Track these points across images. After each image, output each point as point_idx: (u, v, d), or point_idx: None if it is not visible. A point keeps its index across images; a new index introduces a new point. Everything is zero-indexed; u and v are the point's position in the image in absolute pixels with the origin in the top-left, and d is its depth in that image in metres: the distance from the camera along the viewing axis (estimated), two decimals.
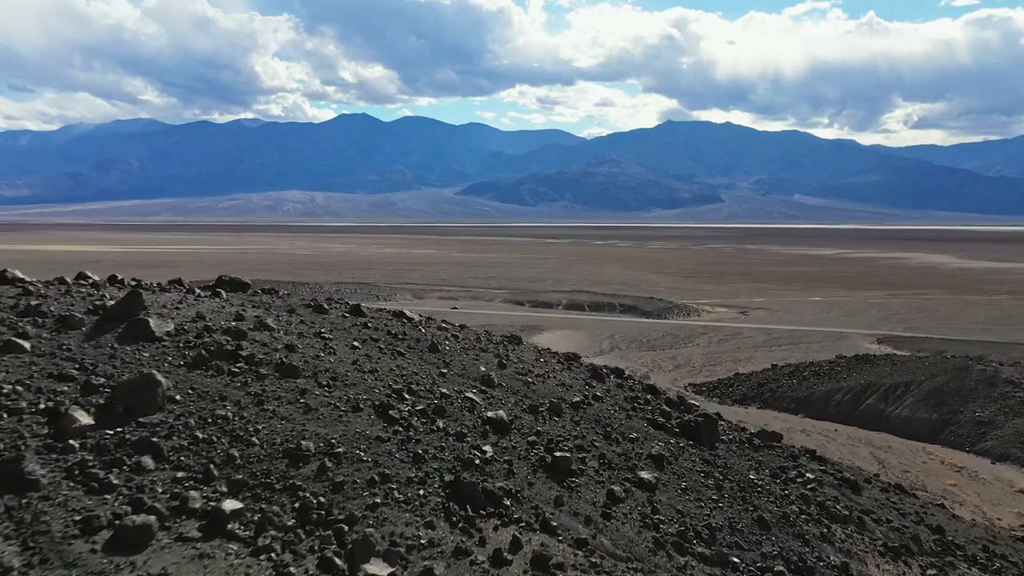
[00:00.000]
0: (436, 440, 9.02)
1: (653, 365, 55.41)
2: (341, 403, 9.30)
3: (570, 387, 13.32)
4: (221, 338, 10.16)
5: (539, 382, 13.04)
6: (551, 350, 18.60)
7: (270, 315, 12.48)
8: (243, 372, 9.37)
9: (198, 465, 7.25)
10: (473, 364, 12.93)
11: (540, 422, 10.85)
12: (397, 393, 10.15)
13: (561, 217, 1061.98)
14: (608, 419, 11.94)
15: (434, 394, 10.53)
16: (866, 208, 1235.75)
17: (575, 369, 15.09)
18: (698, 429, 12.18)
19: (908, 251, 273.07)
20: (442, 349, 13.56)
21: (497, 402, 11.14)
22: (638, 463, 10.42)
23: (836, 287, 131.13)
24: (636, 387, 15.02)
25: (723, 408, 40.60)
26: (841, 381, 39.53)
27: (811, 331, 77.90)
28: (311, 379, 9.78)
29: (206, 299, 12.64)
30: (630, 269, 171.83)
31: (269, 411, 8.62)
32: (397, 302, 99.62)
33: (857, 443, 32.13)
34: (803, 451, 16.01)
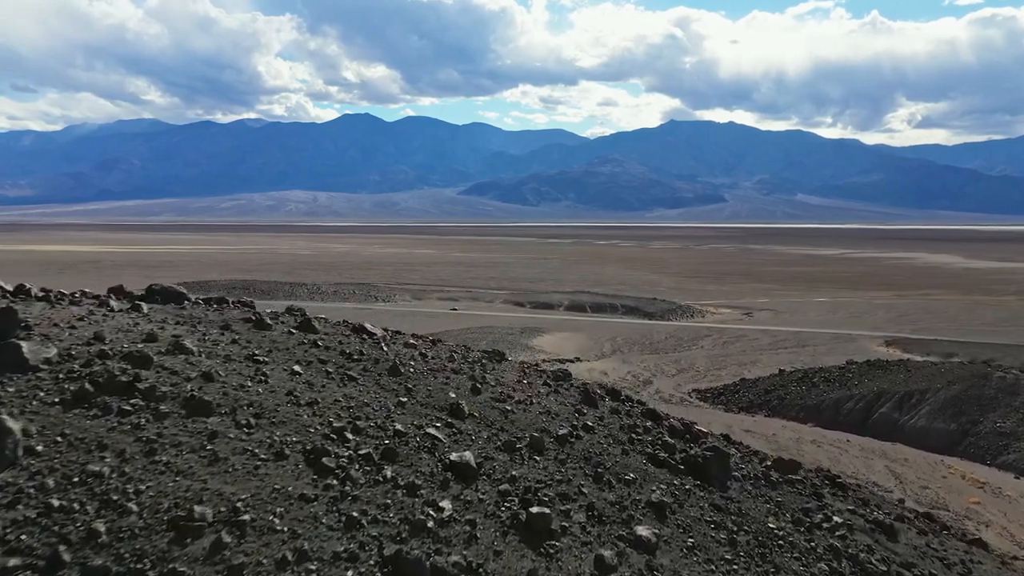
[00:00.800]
0: (380, 495, 7.08)
1: (656, 369, 53.61)
2: (261, 449, 7.38)
3: (556, 415, 11.45)
4: (117, 366, 8.19)
5: (520, 410, 11.18)
6: (538, 367, 16.68)
7: (194, 334, 10.63)
8: (137, 411, 7.41)
9: (43, 547, 5.36)
10: (441, 390, 11.10)
11: (517, 463, 8.91)
12: (337, 432, 8.22)
13: (564, 217, 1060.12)
14: (600, 456, 10.06)
15: (386, 431, 8.61)
16: (869, 208, 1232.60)
17: (564, 392, 13.16)
18: (707, 466, 10.33)
19: (912, 251, 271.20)
20: (405, 371, 11.69)
21: (466, 439, 9.22)
22: (635, 513, 8.57)
23: (841, 287, 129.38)
24: (634, 412, 13.08)
25: (729, 416, 38.80)
26: (852, 388, 37.56)
27: (817, 333, 76.11)
28: (228, 417, 7.85)
29: (119, 314, 10.71)
30: (632, 269, 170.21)
31: (162, 464, 6.67)
32: (396, 303, 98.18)
33: (871, 455, 30.31)
34: (824, 479, 14.17)
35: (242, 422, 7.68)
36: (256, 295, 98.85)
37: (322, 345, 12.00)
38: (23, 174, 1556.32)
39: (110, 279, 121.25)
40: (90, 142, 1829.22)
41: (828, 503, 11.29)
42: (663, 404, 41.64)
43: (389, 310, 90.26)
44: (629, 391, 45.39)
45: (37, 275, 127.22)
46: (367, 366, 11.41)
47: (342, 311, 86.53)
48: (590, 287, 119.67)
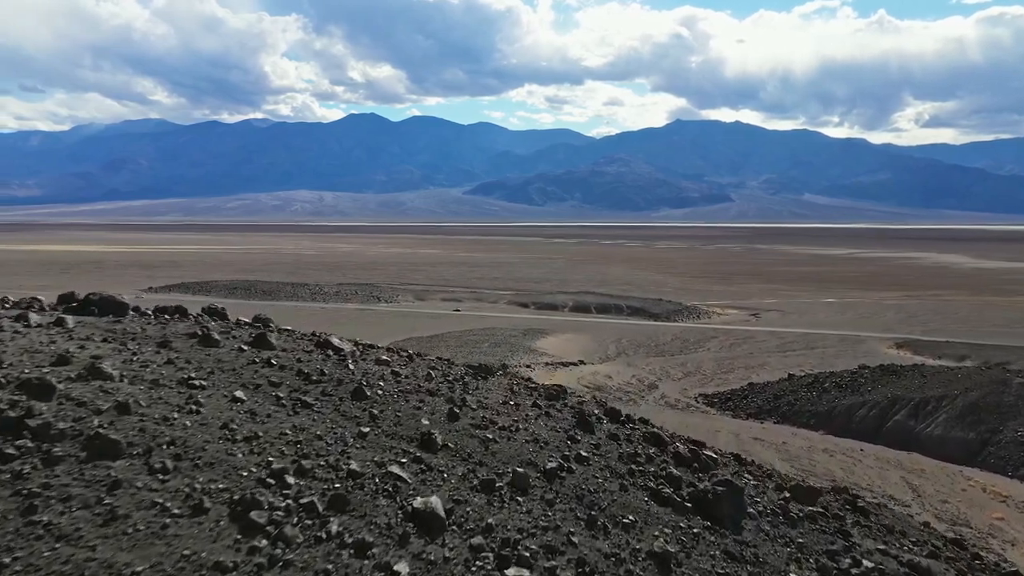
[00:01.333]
0: (320, 559, 5.61)
1: (661, 372, 52.26)
2: (175, 501, 5.93)
3: (546, 444, 10.07)
4: (7, 397, 6.77)
5: (503, 439, 9.81)
6: (530, 382, 15.21)
7: (120, 354, 9.20)
8: (23, 454, 5.95)
9: None
10: (412, 416, 9.70)
11: (495, 507, 7.49)
12: (277, 476, 6.80)
13: (569, 217, 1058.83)
14: (595, 493, 8.67)
15: (338, 472, 7.17)
16: (876, 207, 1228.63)
17: (556, 414, 11.77)
18: (718, 504, 8.96)
19: (921, 251, 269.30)
20: (372, 394, 10.19)
21: (436, 478, 7.71)
22: (634, 568, 7.18)
23: (849, 288, 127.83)
24: (635, 436, 11.63)
25: (737, 422, 37.46)
26: (865, 394, 36.04)
27: (826, 334, 74.69)
28: (139, 460, 6.40)
29: (35, 331, 9.32)
30: (638, 269, 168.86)
31: (40, 526, 5.24)
32: (399, 304, 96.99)
33: (886, 466, 28.92)
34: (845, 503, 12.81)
35: (157, 466, 6.23)
36: (258, 296, 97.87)
37: (277, 364, 10.65)
38: (31, 174, 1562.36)
39: (112, 279, 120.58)
40: (97, 142, 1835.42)
41: (855, 542, 9.91)
42: (669, 410, 40.30)
43: (391, 311, 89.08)
44: (634, 395, 44.08)
45: (39, 275, 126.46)
46: (327, 389, 10.05)
47: (344, 312, 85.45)
48: (595, 287, 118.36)
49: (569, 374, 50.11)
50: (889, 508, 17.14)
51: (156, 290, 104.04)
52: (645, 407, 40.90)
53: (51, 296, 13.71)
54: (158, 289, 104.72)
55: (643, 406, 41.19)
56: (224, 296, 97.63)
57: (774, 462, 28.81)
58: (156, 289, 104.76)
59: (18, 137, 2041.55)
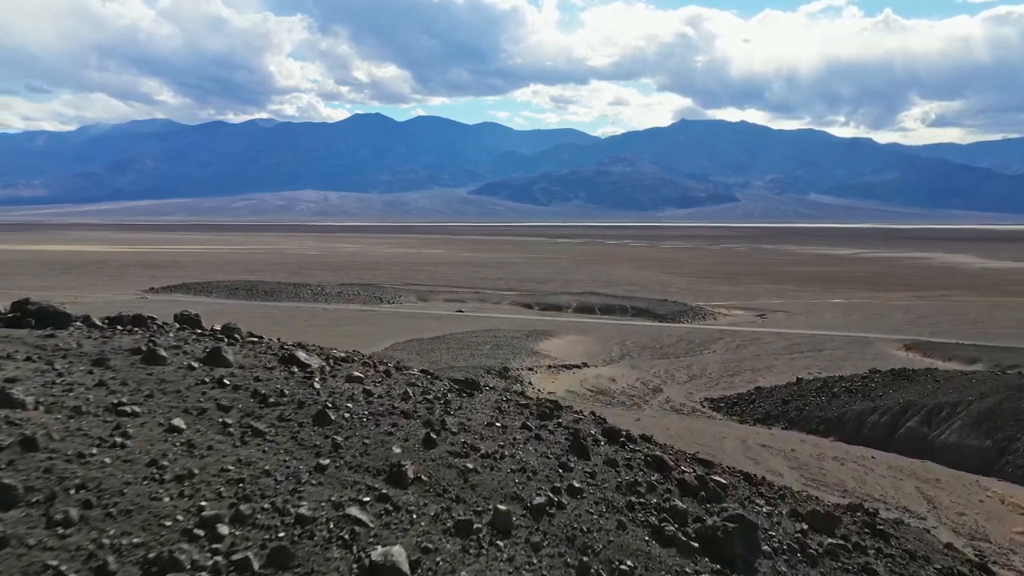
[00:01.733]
0: None
1: (666, 375, 51.19)
2: (74, 564, 4.82)
3: (534, 474, 9.08)
4: None
5: (486, 469, 8.74)
6: (522, 397, 14.02)
7: (42, 375, 8.09)
8: None
9: None
10: (382, 444, 8.61)
11: (471, 555, 6.27)
12: (207, 525, 5.69)
13: (574, 217, 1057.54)
14: (589, 534, 7.52)
15: (285, 517, 6.09)
16: (883, 207, 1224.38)
17: (547, 436, 10.78)
18: (729, 542, 7.86)
19: (928, 251, 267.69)
20: (338, 418, 8.99)
21: (403, 520, 6.70)
22: None
23: (856, 288, 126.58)
24: (636, 461, 10.43)
25: (744, 428, 36.38)
26: (876, 400, 34.84)
27: (833, 336, 73.58)
28: (39, 509, 5.29)
29: None
30: (643, 269, 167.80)
31: None
32: (401, 304, 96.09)
33: (899, 475, 27.81)
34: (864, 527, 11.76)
35: (58, 516, 5.11)
36: (259, 297, 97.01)
37: (230, 384, 9.46)
38: (37, 174, 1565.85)
39: (114, 280, 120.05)
40: (103, 142, 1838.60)
41: None
42: (674, 415, 39.25)
43: (394, 312, 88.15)
44: (638, 399, 43.04)
45: (41, 275, 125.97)
46: (285, 412, 8.90)
47: (345, 313, 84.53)
48: (600, 288, 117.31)
49: (572, 377, 49.11)
50: (908, 526, 16.07)
51: (158, 291, 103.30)
52: (649, 412, 39.86)
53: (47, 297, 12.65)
54: (159, 290, 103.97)
55: (647, 410, 40.16)
56: (225, 297, 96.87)
57: (783, 471, 27.77)
58: (158, 290, 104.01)
59: (24, 137, 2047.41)
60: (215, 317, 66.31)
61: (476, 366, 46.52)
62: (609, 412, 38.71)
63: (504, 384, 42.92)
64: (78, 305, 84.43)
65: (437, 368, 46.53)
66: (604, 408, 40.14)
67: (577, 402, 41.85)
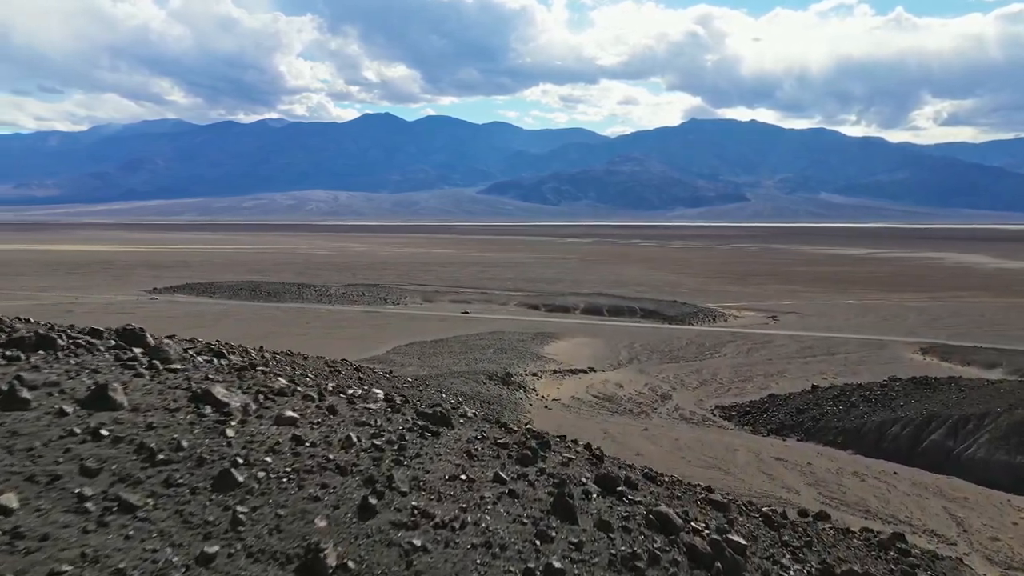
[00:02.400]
0: None
1: (676, 381, 49.53)
2: None
3: (503, 550, 7.25)
4: None
5: (438, 545, 6.97)
6: (500, 433, 11.71)
7: None
8: None
9: None
10: (301, 515, 6.79)
11: None
12: None
13: (584, 216, 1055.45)
14: None
15: None
16: (894, 207, 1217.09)
17: (525, 491, 8.88)
18: None
19: (941, 250, 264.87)
20: (247, 480, 7.13)
21: None
22: None
23: (869, 289, 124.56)
24: (636, 520, 8.44)
25: (757, 439, 34.71)
26: (897, 410, 32.90)
27: (847, 339, 71.76)
28: None
29: None
30: (653, 270, 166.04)
31: None
32: (406, 305, 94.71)
33: (924, 492, 26.12)
34: None
35: None
36: (262, 297, 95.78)
37: (109, 436, 7.60)
38: (49, 174, 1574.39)
39: (119, 280, 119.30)
40: (115, 142, 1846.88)
41: None
42: (683, 424, 37.62)
43: (398, 313, 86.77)
44: (646, 407, 41.40)
45: (45, 276, 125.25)
46: (175, 475, 7.07)
47: (348, 315, 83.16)
48: (609, 288, 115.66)
49: (578, 382, 47.56)
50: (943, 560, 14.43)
51: (160, 291, 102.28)
52: (658, 420, 38.26)
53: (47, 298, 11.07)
54: (162, 290, 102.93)
55: (655, 419, 38.56)
56: (228, 297, 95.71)
57: (800, 488, 26.15)
58: (160, 290, 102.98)
59: (37, 138, 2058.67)
60: (217, 318, 65.03)
61: (477, 371, 44.99)
62: (616, 422, 37.14)
63: (507, 391, 41.35)
64: (78, 306, 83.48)
65: (438, 373, 45.06)
66: (611, 417, 38.59)
67: (583, 409, 40.30)
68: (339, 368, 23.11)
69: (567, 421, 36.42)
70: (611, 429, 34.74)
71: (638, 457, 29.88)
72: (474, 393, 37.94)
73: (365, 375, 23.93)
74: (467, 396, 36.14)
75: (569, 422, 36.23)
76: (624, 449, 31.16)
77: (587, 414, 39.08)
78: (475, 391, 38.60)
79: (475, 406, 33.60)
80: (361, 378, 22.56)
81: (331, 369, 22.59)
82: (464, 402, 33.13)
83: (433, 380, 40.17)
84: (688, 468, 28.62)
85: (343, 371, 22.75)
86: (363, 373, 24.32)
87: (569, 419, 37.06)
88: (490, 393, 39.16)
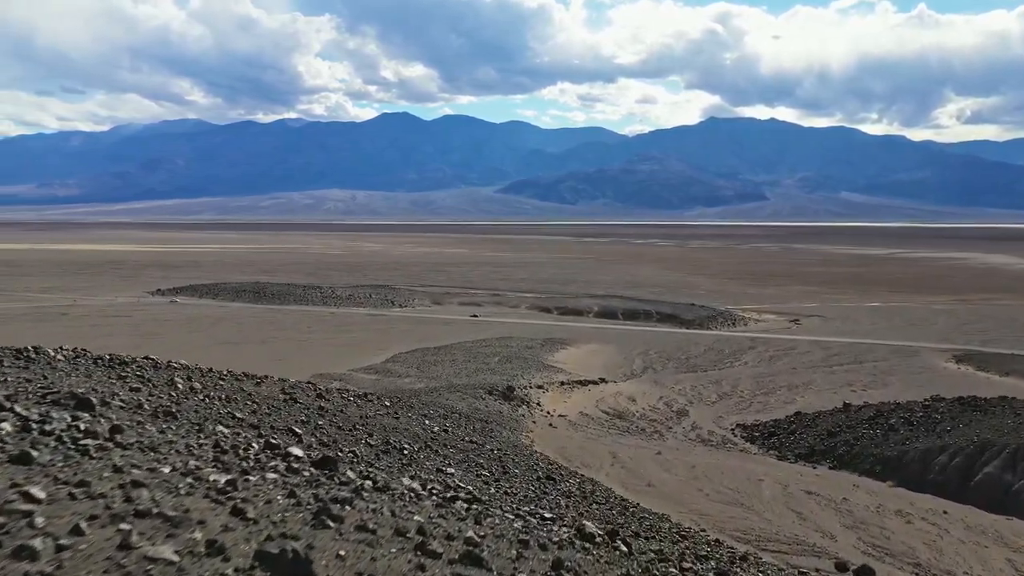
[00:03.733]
0: None
1: (693, 394, 46.01)
2: None
3: None
4: None
5: None
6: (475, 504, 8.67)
7: None
8: None
9: None
10: None
11: None
12: None
13: (601, 215, 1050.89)
14: None
15: None
16: (916, 206, 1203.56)
17: None
18: None
19: (965, 251, 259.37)
20: None
21: None
22: None
23: (894, 291, 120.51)
24: None
25: (784, 466, 31.12)
26: (944, 436, 28.86)
27: (874, 345, 68.02)
28: None
29: None
30: (670, 270, 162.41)
31: None
32: (414, 308, 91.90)
33: (982, 539, 22.51)
34: None
35: None
36: (266, 299, 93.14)
37: None
38: (71, 174, 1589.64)
39: (126, 280, 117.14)
40: (135, 142, 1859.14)
41: None
42: (701, 447, 34.09)
43: (404, 316, 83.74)
44: (660, 426, 37.93)
45: (51, 276, 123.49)
46: None
47: (352, 318, 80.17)
48: (624, 290, 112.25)
49: (587, 395, 44.18)
50: None
51: (164, 292, 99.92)
52: (672, 442, 34.76)
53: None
54: (166, 292, 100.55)
55: (670, 441, 35.07)
56: (231, 299, 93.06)
57: (836, 531, 22.64)
58: (164, 292, 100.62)
59: (59, 137, 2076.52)
60: (214, 322, 61.75)
61: (477, 385, 41.60)
62: (627, 443, 33.75)
63: (509, 407, 37.99)
64: (74, 308, 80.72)
65: (435, 386, 41.76)
66: (621, 437, 35.17)
67: (591, 427, 36.91)
68: (296, 396, 19.76)
69: (572, 442, 33.10)
70: (621, 453, 31.33)
71: (649, 489, 26.48)
72: (471, 410, 34.63)
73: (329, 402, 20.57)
74: (463, 415, 32.87)
75: (575, 443, 32.90)
76: (634, 478, 27.79)
77: (595, 433, 35.68)
78: (472, 408, 35.28)
79: (471, 426, 30.33)
80: (322, 408, 19.25)
81: (287, 397, 19.31)
82: (460, 422, 29.88)
83: (426, 395, 36.88)
84: (705, 503, 25.21)
85: (301, 400, 19.44)
86: (328, 400, 20.93)
87: (575, 440, 33.71)
88: (489, 410, 35.84)
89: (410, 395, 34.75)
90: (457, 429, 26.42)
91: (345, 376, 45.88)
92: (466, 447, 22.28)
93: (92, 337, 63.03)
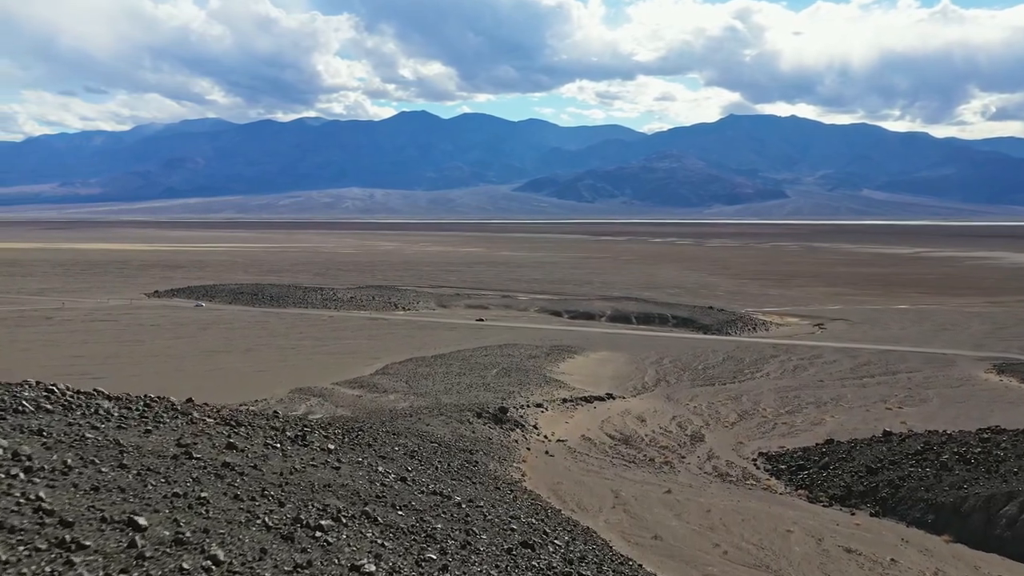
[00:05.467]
0: None
1: (710, 414, 41.35)
2: None
3: None
4: None
5: None
6: None
7: None
8: None
9: None
10: None
11: None
12: None
13: (620, 213, 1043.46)
14: None
15: None
16: (940, 203, 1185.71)
17: None
18: None
19: (993, 250, 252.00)
20: None
21: None
22: None
23: (922, 292, 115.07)
24: None
25: (817, 511, 26.41)
26: (1010, 479, 23.58)
27: (906, 352, 63.11)
28: None
29: None
30: (688, 270, 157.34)
31: None
32: (418, 311, 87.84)
33: None
34: None
35: None
36: (263, 302, 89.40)
37: None
38: (93, 173, 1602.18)
39: (126, 281, 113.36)
40: (157, 142, 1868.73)
41: None
42: (717, 484, 29.38)
43: (405, 320, 79.50)
44: (671, 455, 33.35)
45: (51, 277, 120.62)
46: None
47: (351, 322, 76.10)
48: (640, 291, 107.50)
49: (591, 415, 39.70)
50: None
51: (160, 295, 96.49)
52: (685, 477, 30.12)
53: None
54: (162, 294, 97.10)
55: (682, 474, 30.43)
56: (227, 302, 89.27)
57: None
58: (160, 294, 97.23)
59: (82, 137, 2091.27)
60: (202, 328, 56.72)
61: (465, 405, 37.04)
62: (632, 478, 29.19)
63: (499, 432, 33.62)
64: (61, 312, 76.65)
65: (420, 405, 37.39)
66: (626, 470, 30.60)
67: (592, 456, 32.37)
68: (195, 450, 15.36)
69: (569, 476, 28.67)
70: (624, 491, 26.86)
71: (655, 543, 21.93)
72: (454, 438, 30.28)
73: (242, 454, 16.28)
74: (442, 445, 28.52)
75: (572, 478, 28.47)
76: (638, 526, 23.33)
77: (596, 464, 31.16)
78: (456, 435, 30.90)
79: (448, 462, 25.94)
80: (227, 464, 14.94)
81: (182, 451, 15.06)
82: (433, 459, 25.56)
83: (404, 419, 32.48)
84: (722, 564, 20.72)
85: (201, 453, 15.13)
86: (240, 452, 16.56)
87: (572, 473, 29.25)
88: (476, 437, 31.47)
89: (381, 423, 30.35)
90: (423, 473, 22.05)
91: (327, 391, 41.74)
92: (424, 504, 17.89)
93: (67, 344, 59.34)
